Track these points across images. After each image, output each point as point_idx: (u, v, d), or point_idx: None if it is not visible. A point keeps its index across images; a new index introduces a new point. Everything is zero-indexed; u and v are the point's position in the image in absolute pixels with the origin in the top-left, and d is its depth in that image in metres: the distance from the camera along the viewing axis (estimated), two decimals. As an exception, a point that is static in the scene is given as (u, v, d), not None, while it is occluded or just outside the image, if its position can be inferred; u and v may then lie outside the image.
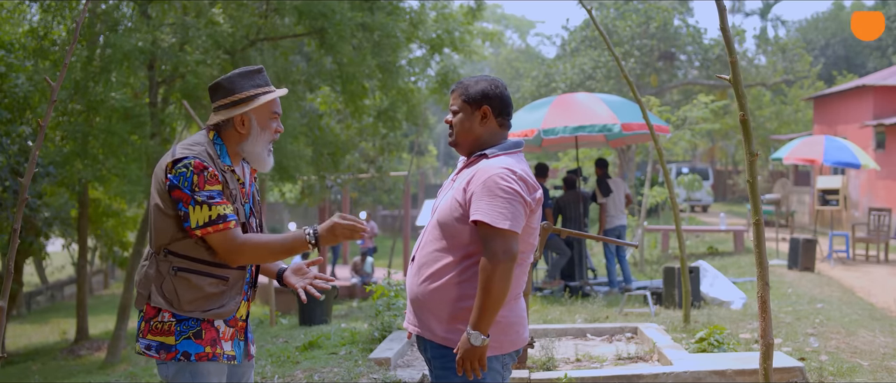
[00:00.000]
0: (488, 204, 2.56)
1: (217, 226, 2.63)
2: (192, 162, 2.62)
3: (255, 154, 2.81)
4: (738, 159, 34.26)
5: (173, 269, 2.68)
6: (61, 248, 22.79)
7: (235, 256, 2.67)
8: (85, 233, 15.87)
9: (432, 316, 2.71)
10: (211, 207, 2.62)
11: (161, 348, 2.68)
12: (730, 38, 3.56)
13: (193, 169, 2.62)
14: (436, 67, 15.42)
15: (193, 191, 2.61)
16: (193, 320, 2.69)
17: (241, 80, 2.79)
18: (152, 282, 2.70)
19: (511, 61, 43.21)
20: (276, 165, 11.76)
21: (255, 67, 2.84)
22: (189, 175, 2.61)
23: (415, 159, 26.31)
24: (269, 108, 2.81)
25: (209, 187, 2.64)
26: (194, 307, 2.69)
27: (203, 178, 2.62)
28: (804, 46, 31.56)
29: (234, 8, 11.80)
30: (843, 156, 12.49)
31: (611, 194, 10.19)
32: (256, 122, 2.79)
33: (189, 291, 2.68)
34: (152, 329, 2.70)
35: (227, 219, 2.64)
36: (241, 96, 2.77)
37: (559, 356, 5.51)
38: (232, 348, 2.79)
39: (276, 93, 2.82)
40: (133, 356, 12.36)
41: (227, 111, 2.76)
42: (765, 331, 3.64)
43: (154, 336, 2.69)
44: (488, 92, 2.78)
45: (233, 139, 2.79)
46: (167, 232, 2.67)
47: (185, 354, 2.67)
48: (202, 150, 2.69)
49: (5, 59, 11.17)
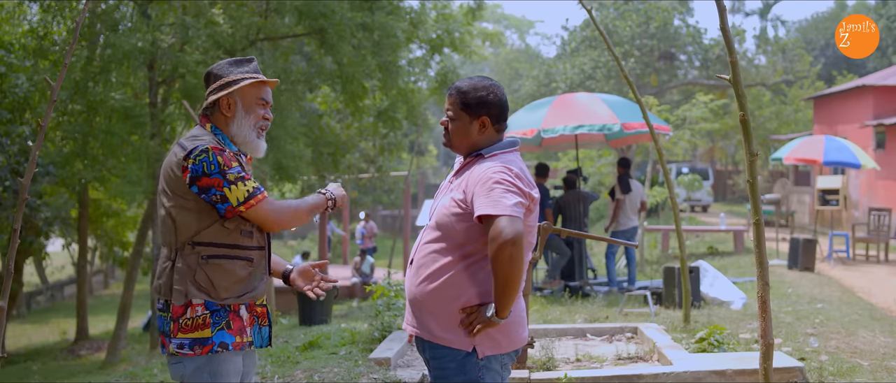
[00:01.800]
0: (487, 197, 2.57)
1: (257, 198, 2.70)
2: (208, 147, 2.67)
3: (242, 137, 2.83)
4: (738, 159, 34.26)
5: (204, 258, 2.69)
6: (61, 248, 22.78)
7: (277, 223, 2.76)
8: (85, 233, 15.87)
9: (431, 317, 2.71)
10: (245, 182, 2.69)
11: (195, 344, 2.67)
12: (730, 38, 3.56)
13: (213, 151, 2.67)
14: (436, 68, 15.42)
15: (224, 171, 2.65)
16: (224, 310, 2.71)
17: (228, 67, 2.85)
18: (185, 276, 2.69)
19: (511, 61, 43.22)
20: (276, 165, 11.75)
21: (246, 58, 2.89)
22: (212, 158, 2.65)
23: (415, 159, 26.31)
24: (253, 92, 2.84)
25: (234, 164, 2.70)
26: (230, 293, 2.71)
27: (226, 158, 2.68)
28: (804, 46, 31.57)
29: (233, 8, 11.80)
30: (843, 156, 12.48)
31: (630, 192, 10.13)
32: (241, 105, 2.82)
33: (224, 277, 2.70)
34: (183, 327, 2.68)
35: (260, 189, 2.72)
36: (228, 80, 2.82)
37: (559, 356, 5.51)
38: (251, 333, 2.81)
39: (262, 77, 2.86)
40: (133, 356, 12.37)
41: (215, 94, 2.82)
42: (765, 331, 3.64)
43: (186, 333, 2.68)
44: (487, 100, 2.76)
45: (221, 123, 2.83)
46: (191, 226, 2.69)
47: (222, 345, 2.68)
48: (210, 139, 2.74)
49: (5, 59, 11.17)
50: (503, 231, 2.49)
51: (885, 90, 18.22)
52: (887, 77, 19.17)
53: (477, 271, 2.67)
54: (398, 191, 26.83)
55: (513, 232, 2.49)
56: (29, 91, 11.03)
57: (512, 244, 2.48)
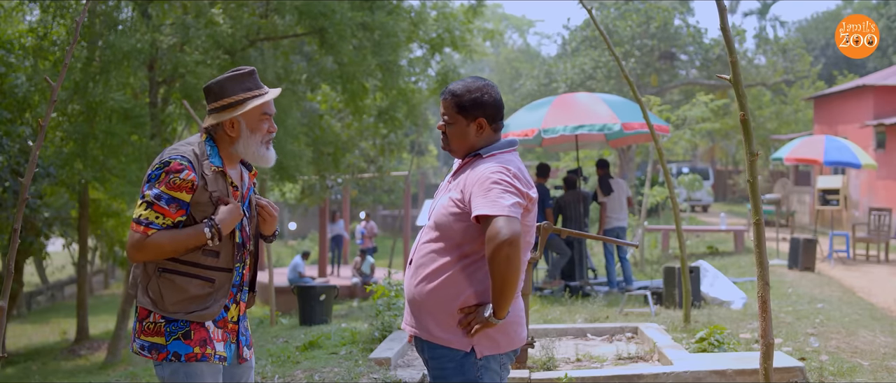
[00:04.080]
0: (484, 198, 2.57)
1: (139, 228, 2.65)
2: (170, 161, 2.66)
3: (249, 154, 2.83)
4: (739, 159, 34.25)
5: (158, 270, 2.71)
6: (61, 248, 22.79)
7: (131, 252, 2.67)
8: (85, 233, 15.86)
9: (429, 317, 2.71)
10: (148, 208, 2.65)
11: (153, 348, 2.71)
12: (730, 38, 3.56)
13: (166, 168, 2.66)
14: (436, 67, 15.42)
15: (151, 185, 2.65)
16: (181, 321, 2.71)
17: (230, 84, 2.79)
18: (139, 282, 2.73)
19: (511, 61, 43.20)
20: (276, 165, 11.74)
21: (246, 70, 2.84)
22: (157, 170, 2.66)
23: (415, 159, 26.31)
24: (258, 111, 2.82)
25: (169, 191, 2.65)
26: (178, 308, 2.70)
27: (169, 179, 2.65)
28: (804, 46, 31.55)
29: (233, 8, 11.79)
30: (844, 155, 12.47)
31: (612, 193, 10.18)
32: (246, 126, 2.80)
33: (174, 292, 2.70)
34: (144, 329, 2.73)
35: (151, 226, 2.65)
36: (230, 101, 2.78)
37: (559, 356, 5.51)
38: (224, 349, 2.80)
39: (265, 96, 2.83)
40: (133, 356, 12.37)
41: (218, 115, 2.79)
42: (765, 331, 3.64)
43: (146, 336, 2.72)
44: (482, 101, 2.75)
45: (224, 142, 2.81)
46: None
47: (175, 355, 2.69)
48: (190, 150, 2.72)
49: (5, 59, 11.17)
50: (500, 231, 2.48)
51: (885, 90, 18.22)
52: (887, 77, 19.16)
53: (475, 271, 2.66)
54: (398, 191, 26.82)
55: (510, 232, 2.48)
56: (29, 91, 11.02)
57: (509, 244, 2.47)
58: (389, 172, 20.98)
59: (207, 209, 2.72)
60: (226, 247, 2.77)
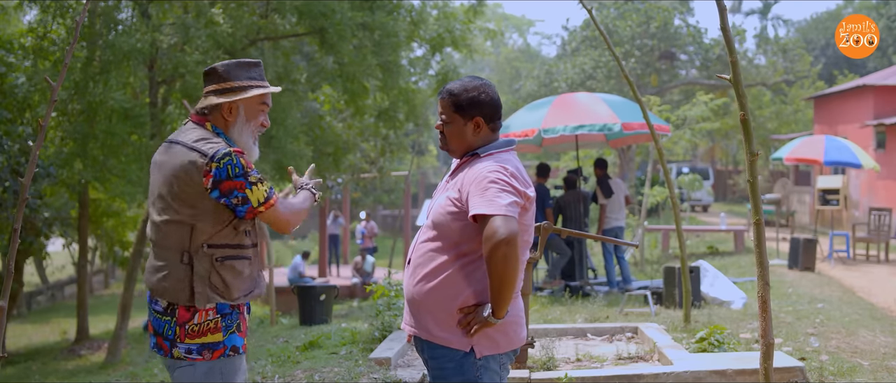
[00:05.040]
0: (481, 197, 2.57)
1: (272, 199, 2.74)
2: (231, 150, 2.68)
3: (240, 143, 2.84)
4: (739, 159, 34.25)
5: (218, 260, 2.69)
6: (61, 248, 22.78)
7: (289, 223, 2.81)
8: (85, 233, 15.86)
9: (428, 316, 2.71)
10: (263, 183, 2.73)
11: (205, 348, 2.67)
12: (730, 38, 3.56)
13: (237, 154, 2.69)
14: (436, 67, 15.41)
15: (247, 174, 2.68)
16: (235, 312, 2.73)
17: (237, 70, 2.82)
18: (194, 282, 2.66)
19: (511, 61, 43.20)
20: (276, 165, 11.75)
21: (253, 60, 2.88)
22: (236, 161, 2.67)
23: (415, 159, 26.31)
24: (258, 100, 2.85)
25: (253, 167, 2.74)
26: (241, 292, 2.74)
27: (247, 160, 2.72)
28: (804, 46, 31.55)
29: (233, 8, 11.79)
30: (844, 155, 12.47)
31: (612, 195, 10.18)
32: (244, 113, 2.82)
33: (236, 278, 2.72)
34: (190, 332, 2.66)
35: (273, 190, 2.77)
36: (234, 85, 2.80)
37: (560, 356, 5.51)
38: None
39: (268, 88, 2.85)
40: (133, 356, 12.37)
41: (217, 97, 2.79)
42: (765, 331, 3.64)
43: (194, 338, 2.67)
44: (479, 100, 2.75)
45: (220, 125, 2.82)
46: (206, 229, 2.68)
47: (233, 349, 2.70)
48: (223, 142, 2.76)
49: (5, 59, 11.17)
50: (497, 230, 2.48)
51: (885, 90, 18.22)
52: (887, 77, 19.16)
53: (473, 271, 2.66)
54: (398, 191, 26.84)
55: (507, 231, 2.48)
56: (29, 91, 11.02)
57: (506, 243, 2.47)
58: (390, 172, 20.98)
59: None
60: (252, 226, 2.83)
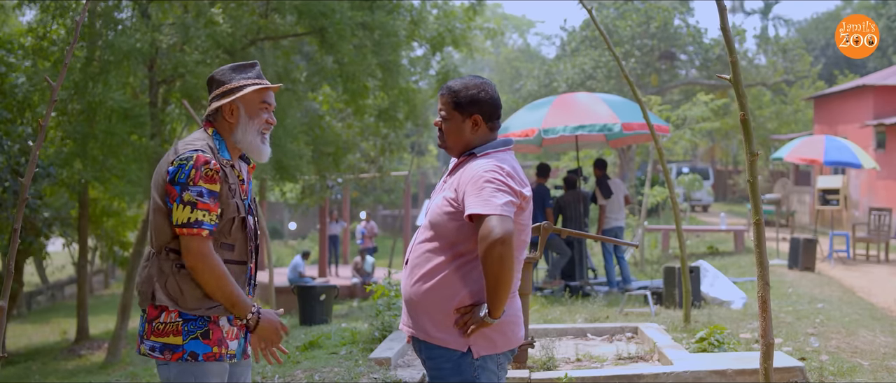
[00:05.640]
0: (477, 196, 2.56)
1: (193, 231, 2.60)
2: (194, 156, 2.64)
3: (246, 142, 2.82)
4: (739, 159, 34.25)
5: (176, 266, 2.67)
6: (61, 248, 22.77)
7: (197, 266, 2.62)
8: (85, 233, 15.86)
9: (426, 317, 2.71)
10: (193, 209, 2.60)
11: (166, 349, 2.67)
12: (730, 38, 3.56)
13: (194, 162, 2.62)
14: (436, 67, 15.41)
15: (185, 186, 2.60)
16: (201, 320, 2.69)
17: (231, 73, 2.84)
18: (156, 280, 2.69)
19: (511, 61, 43.19)
20: (276, 165, 11.75)
21: (248, 62, 2.89)
22: (187, 167, 2.62)
23: (415, 159, 26.32)
24: (257, 97, 2.83)
25: (204, 184, 2.63)
26: (199, 304, 2.68)
27: (200, 173, 2.62)
28: (804, 46, 31.54)
29: (233, 8, 11.79)
30: (844, 155, 12.47)
31: (611, 195, 10.18)
32: (245, 111, 2.81)
33: (194, 288, 2.67)
34: (155, 330, 2.68)
35: (202, 226, 2.61)
36: (231, 87, 2.81)
37: (559, 356, 5.51)
38: (235, 346, 2.79)
39: (265, 84, 2.85)
40: (133, 356, 12.36)
41: (218, 101, 2.80)
42: (765, 331, 3.64)
43: (158, 337, 2.68)
44: (478, 98, 2.76)
45: (224, 129, 2.81)
46: (167, 231, 2.67)
47: (192, 354, 2.66)
48: (204, 144, 2.72)
49: (5, 59, 11.17)
50: (493, 230, 2.48)
51: (885, 90, 18.22)
52: (887, 77, 19.16)
53: (470, 271, 2.66)
54: (398, 191, 26.83)
55: (502, 231, 2.48)
56: (29, 91, 11.02)
57: (501, 243, 2.47)
58: (389, 172, 20.98)
59: (226, 202, 2.71)
60: (240, 240, 2.77)
